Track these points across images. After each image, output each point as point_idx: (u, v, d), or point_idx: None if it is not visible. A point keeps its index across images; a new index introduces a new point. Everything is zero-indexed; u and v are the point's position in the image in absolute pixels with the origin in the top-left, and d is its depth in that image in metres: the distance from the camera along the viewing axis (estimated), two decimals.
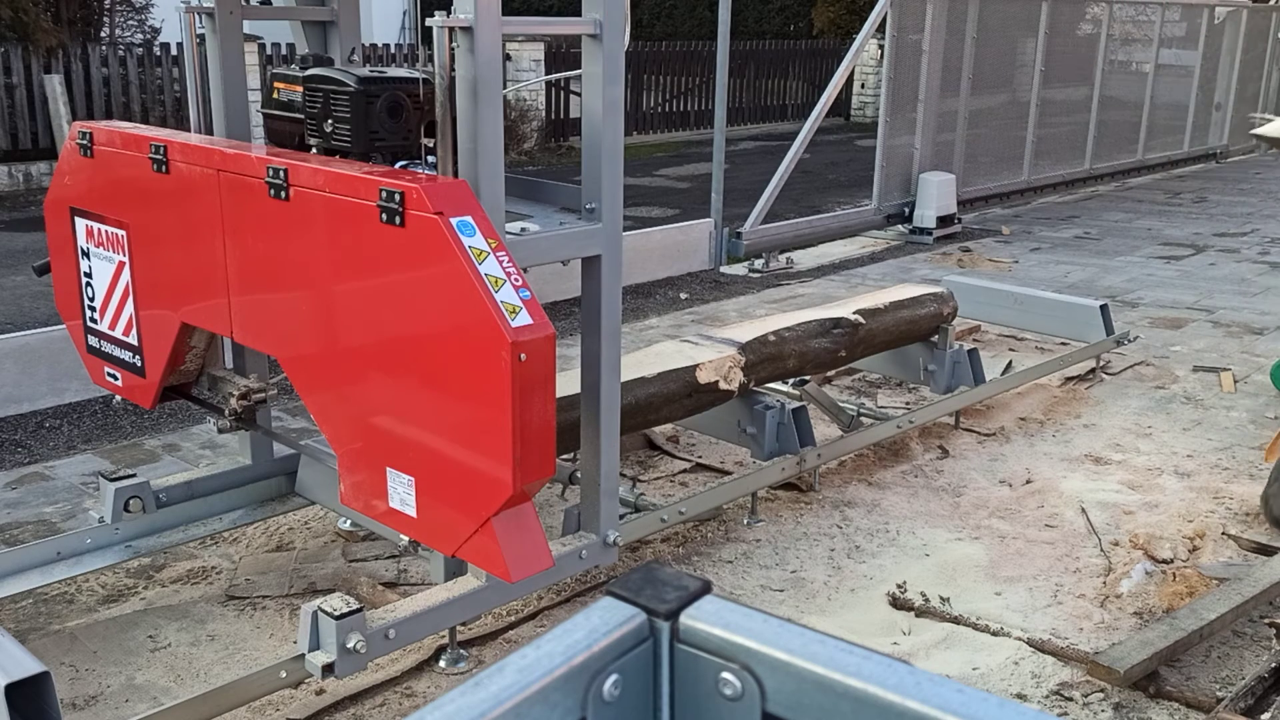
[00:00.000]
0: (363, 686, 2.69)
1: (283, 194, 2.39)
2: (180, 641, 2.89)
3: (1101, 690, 2.69)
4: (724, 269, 7.49)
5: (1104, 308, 5.06)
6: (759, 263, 7.50)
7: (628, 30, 2.47)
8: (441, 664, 2.80)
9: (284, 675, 2.42)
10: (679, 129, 16.06)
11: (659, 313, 6.35)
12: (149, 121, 10.58)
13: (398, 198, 2.15)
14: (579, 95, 12.49)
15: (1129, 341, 5.22)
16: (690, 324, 5.94)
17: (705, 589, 0.73)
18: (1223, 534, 3.52)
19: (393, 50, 13.29)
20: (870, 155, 8.90)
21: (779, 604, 3.13)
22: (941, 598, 3.11)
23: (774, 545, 3.48)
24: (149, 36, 14.85)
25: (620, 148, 2.52)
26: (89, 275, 3.05)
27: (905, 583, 3.18)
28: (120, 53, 11.17)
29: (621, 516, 2.91)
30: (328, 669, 2.31)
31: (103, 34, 14.20)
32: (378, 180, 2.20)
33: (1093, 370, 5.11)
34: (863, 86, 18.01)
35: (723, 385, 3.56)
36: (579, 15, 2.45)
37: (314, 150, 2.71)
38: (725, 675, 0.70)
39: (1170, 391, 4.93)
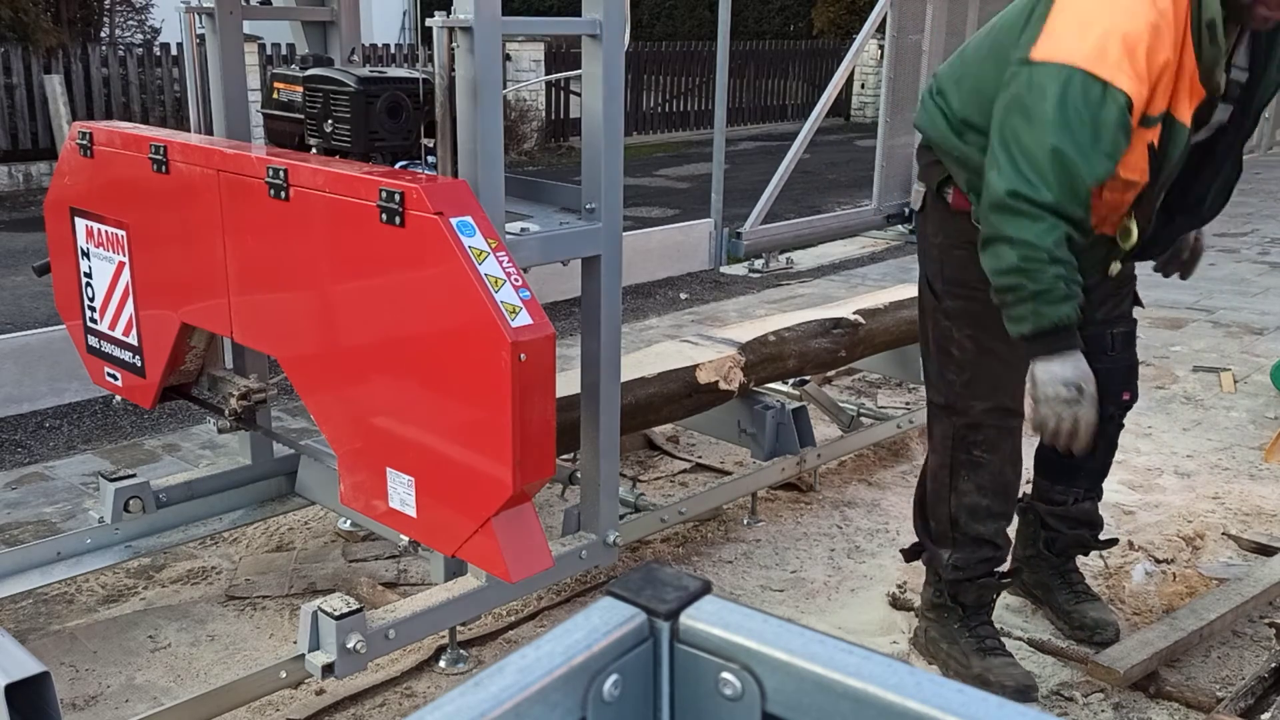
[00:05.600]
0: (363, 686, 2.69)
1: (283, 194, 2.39)
2: (180, 641, 2.89)
3: (1101, 690, 2.69)
4: (724, 269, 7.49)
5: None
6: (759, 263, 7.50)
7: (628, 30, 2.47)
8: (441, 664, 2.80)
9: (284, 675, 2.42)
10: (679, 129, 16.06)
11: (659, 313, 6.35)
12: (149, 121, 10.59)
13: (398, 198, 2.15)
14: (579, 95, 12.49)
15: None
16: (690, 324, 5.94)
17: (705, 589, 0.73)
18: (1223, 534, 3.52)
19: (393, 50, 13.29)
20: (870, 155, 8.90)
21: (779, 604, 3.13)
22: None
23: (774, 545, 3.48)
24: (149, 36, 14.86)
25: (620, 148, 2.52)
26: (89, 275, 3.05)
27: (905, 583, 3.18)
28: (120, 53, 11.17)
29: (621, 516, 2.91)
30: (328, 669, 2.31)
31: (103, 34, 14.20)
32: (378, 180, 2.20)
33: None
34: (863, 86, 18.01)
35: (723, 385, 3.56)
36: (579, 15, 2.45)
37: (314, 150, 2.71)
38: (725, 675, 0.70)
39: (1170, 391, 4.93)
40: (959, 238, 2.55)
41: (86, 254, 3.03)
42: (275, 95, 2.83)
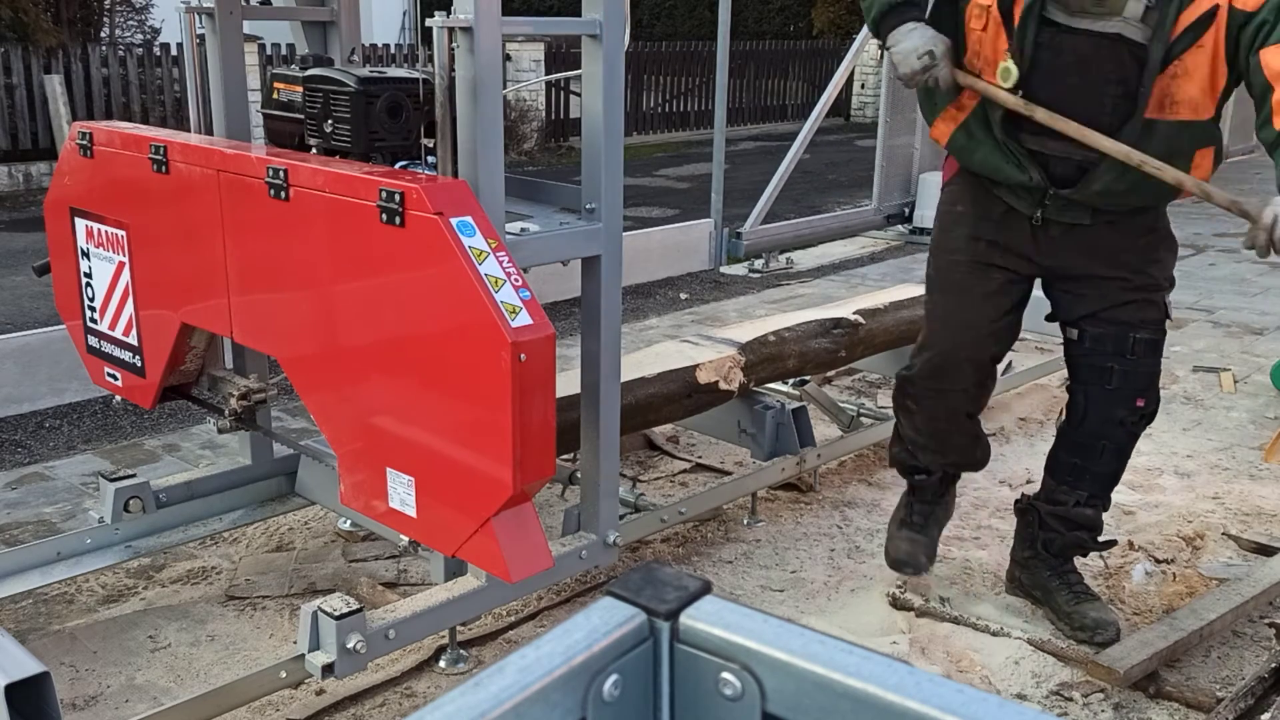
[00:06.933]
0: (363, 687, 2.69)
1: (283, 194, 2.39)
2: (180, 641, 2.89)
3: (1101, 690, 2.69)
4: (724, 269, 7.49)
5: None
6: (759, 263, 7.50)
7: (628, 30, 2.47)
8: (441, 664, 2.80)
9: (284, 675, 2.42)
10: (679, 129, 16.06)
11: (659, 313, 6.35)
12: (149, 121, 10.58)
13: (398, 198, 2.15)
14: (579, 95, 12.49)
15: None
16: (690, 324, 5.94)
17: (705, 589, 0.73)
18: (1223, 534, 3.52)
19: (393, 50, 13.29)
20: (870, 155, 8.90)
21: (779, 604, 3.13)
22: (941, 598, 3.11)
23: (774, 545, 3.48)
24: (149, 36, 14.86)
25: (620, 148, 2.52)
26: (89, 275, 3.05)
27: (905, 583, 3.18)
28: (120, 53, 11.17)
29: (621, 516, 2.91)
30: (328, 669, 2.31)
31: (103, 34, 14.21)
32: (378, 180, 2.20)
33: None
34: (863, 87, 18.01)
35: (723, 385, 3.56)
36: (579, 15, 2.45)
37: (314, 150, 2.71)
38: (725, 675, 0.70)
39: (1170, 391, 4.93)
40: (940, 206, 2.92)
41: (86, 254, 3.03)
42: (275, 95, 2.83)
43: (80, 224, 3.02)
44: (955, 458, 3.06)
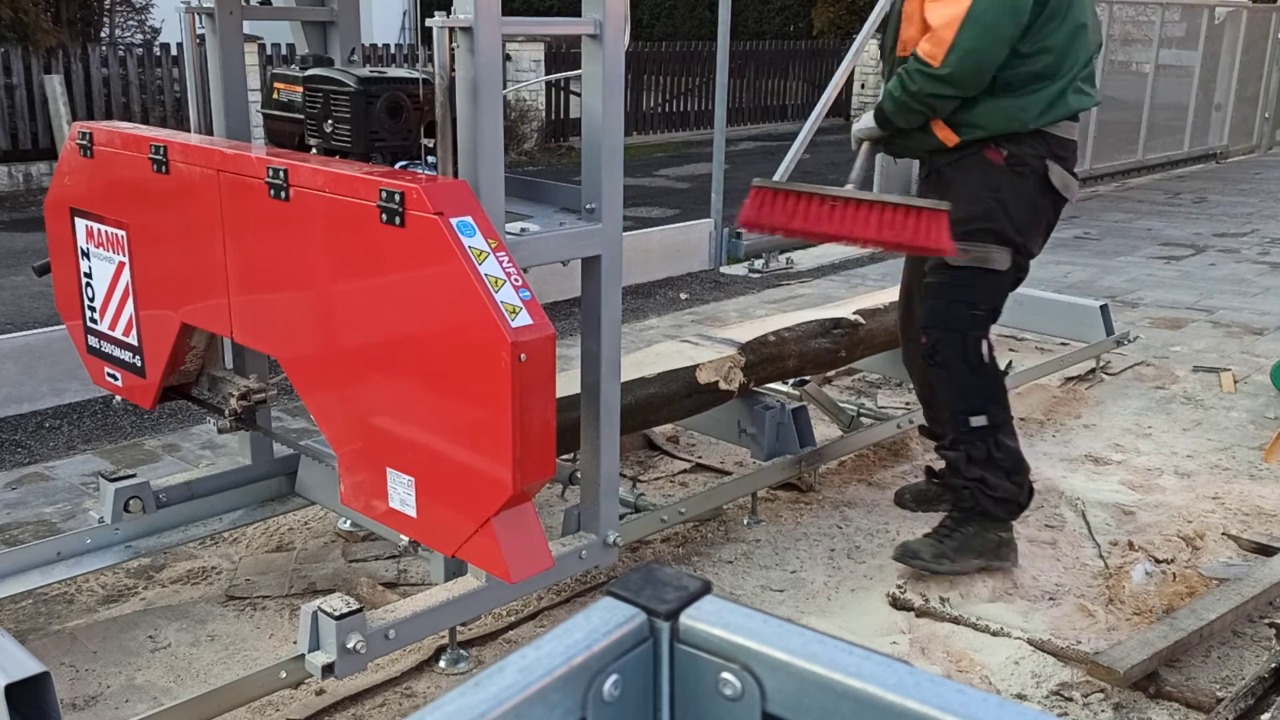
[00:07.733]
0: (363, 687, 2.69)
1: (283, 194, 2.39)
2: (180, 641, 2.89)
3: (1101, 690, 2.69)
4: (724, 269, 7.49)
5: (1104, 308, 5.06)
6: (759, 263, 7.50)
7: (628, 30, 2.47)
8: (441, 664, 2.80)
9: (284, 675, 2.42)
10: (679, 129, 16.05)
11: (659, 313, 6.35)
12: (149, 121, 10.58)
13: (398, 198, 2.15)
14: (579, 95, 12.48)
15: (1129, 342, 5.21)
16: (690, 324, 5.94)
17: (705, 589, 0.73)
18: (1223, 534, 3.52)
19: (393, 50, 13.29)
20: None
21: (779, 604, 3.13)
22: (941, 598, 3.11)
23: (774, 545, 3.48)
24: (149, 36, 14.87)
25: (620, 148, 2.52)
26: (89, 275, 3.05)
27: (905, 583, 3.19)
28: (120, 53, 11.16)
29: (621, 516, 2.91)
30: (328, 669, 2.31)
31: (103, 34, 14.21)
32: (378, 180, 2.20)
33: (1093, 370, 5.11)
34: (863, 87, 17.99)
35: (723, 385, 3.56)
36: (579, 15, 2.45)
37: (314, 150, 2.71)
38: (725, 675, 0.70)
39: (1170, 392, 4.93)
40: None
41: (86, 254, 3.03)
42: (275, 95, 2.83)
43: (80, 224, 3.02)
44: (936, 427, 3.52)
